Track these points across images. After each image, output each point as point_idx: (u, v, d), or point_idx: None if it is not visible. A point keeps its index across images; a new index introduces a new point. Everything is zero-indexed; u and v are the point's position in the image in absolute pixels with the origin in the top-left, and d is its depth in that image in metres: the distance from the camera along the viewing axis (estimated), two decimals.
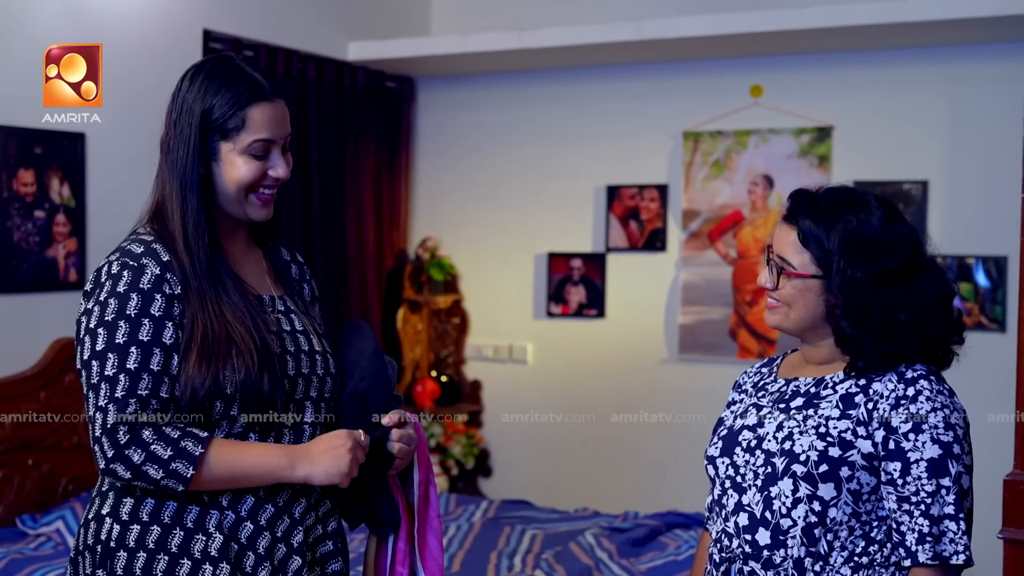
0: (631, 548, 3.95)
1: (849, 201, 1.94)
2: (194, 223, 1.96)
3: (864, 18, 4.41)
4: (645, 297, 5.28)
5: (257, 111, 1.97)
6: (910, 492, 1.82)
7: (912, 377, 1.87)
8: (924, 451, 1.82)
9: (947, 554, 1.81)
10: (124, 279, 1.90)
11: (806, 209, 1.94)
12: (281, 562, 1.96)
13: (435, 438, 5.43)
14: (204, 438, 1.87)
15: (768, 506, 1.89)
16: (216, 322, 1.92)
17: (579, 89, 5.41)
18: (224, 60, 2.04)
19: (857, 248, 1.89)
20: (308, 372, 2.03)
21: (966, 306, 4.67)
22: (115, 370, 1.85)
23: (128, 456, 1.83)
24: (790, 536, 1.87)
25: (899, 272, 1.89)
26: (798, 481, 1.86)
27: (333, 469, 1.95)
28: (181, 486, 1.85)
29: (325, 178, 5.13)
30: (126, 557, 1.90)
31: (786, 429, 1.91)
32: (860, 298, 1.87)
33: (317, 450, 1.96)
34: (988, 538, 2.55)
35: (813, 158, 4.92)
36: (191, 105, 1.97)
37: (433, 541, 2.15)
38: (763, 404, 2.01)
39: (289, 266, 2.20)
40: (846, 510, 1.85)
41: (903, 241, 1.91)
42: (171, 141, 1.98)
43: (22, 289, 3.92)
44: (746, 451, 1.95)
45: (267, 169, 2.01)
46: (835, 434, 1.86)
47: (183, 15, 4.45)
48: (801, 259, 1.93)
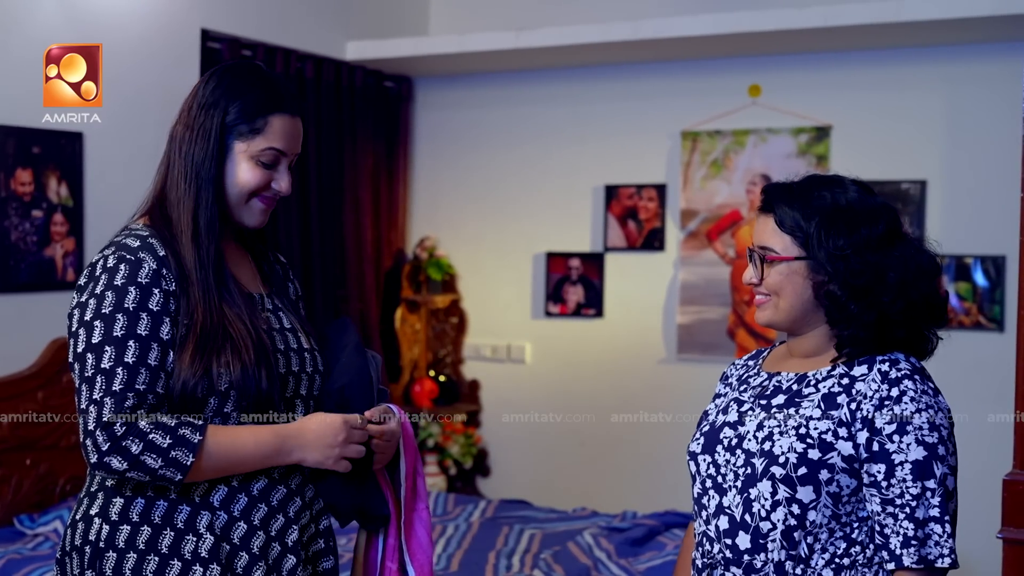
0: (629, 548, 3.94)
1: (821, 181, 1.95)
2: (208, 218, 1.96)
3: (862, 18, 4.41)
4: (643, 297, 5.28)
5: (278, 120, 1.99)
6: (895, 495, 1.79)
7: (896, 377, 1.84)
8: (909, 453, 1.79)
9: (932, 557, 1.78)
10: (121, 272, 1.89)
11: (780, 196, 1.94)
12: (276, 561, 1.96)
13: (433, 438, 5.43)
14: (200, 425, 1.87)
15: (748, 508, 1.86)
16: (215, 316, 1.92)
17: (577, 89, 5.41)
18: (254, 66, 2.06)
19: (836, 218, 1.88)
20: (298, 370, 2.03)
21: (964, 306, 4.68)
22: (112, 363, 1.84)
23: (125, 447, 1.82)
24: (770, 539, 1.84)
25: (882, 239, 1.88)
26: (777, 483, 1.83)
27: (326, 457, 1.96)
28: (180, 475, 1.84)
29: (323, 178, 5.12)
30: (115, 558, 1.89)
31: (766, 428, 1.88)
32: (846, 262, 1.86)
33: (311, 435, 1.96)
34: (987, 538, 2.55)
35: (811, 158, 4.92)
36: (217, 100, 1.98)
37: (422, 532, 2.14)
38: (744, 399, 1.98)
39: (274, 266, 2.20)
40: (826, 512, 1.83)
41: (881, 209, 1.91)
42: (188, 133, 1.98)
43: (20, 289, 3.92)
44: (727, 450, 1.92)
45: (271, 180, 2.02)
46: (815, 435, 1.83)
47: (181, 15, 4.45)
48: (783, 243, 1.92)
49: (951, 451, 1.83)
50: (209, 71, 2.05)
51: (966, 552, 4.54)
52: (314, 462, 1.97)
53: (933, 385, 1.87)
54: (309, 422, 1.98)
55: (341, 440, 1.97)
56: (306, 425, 1.97)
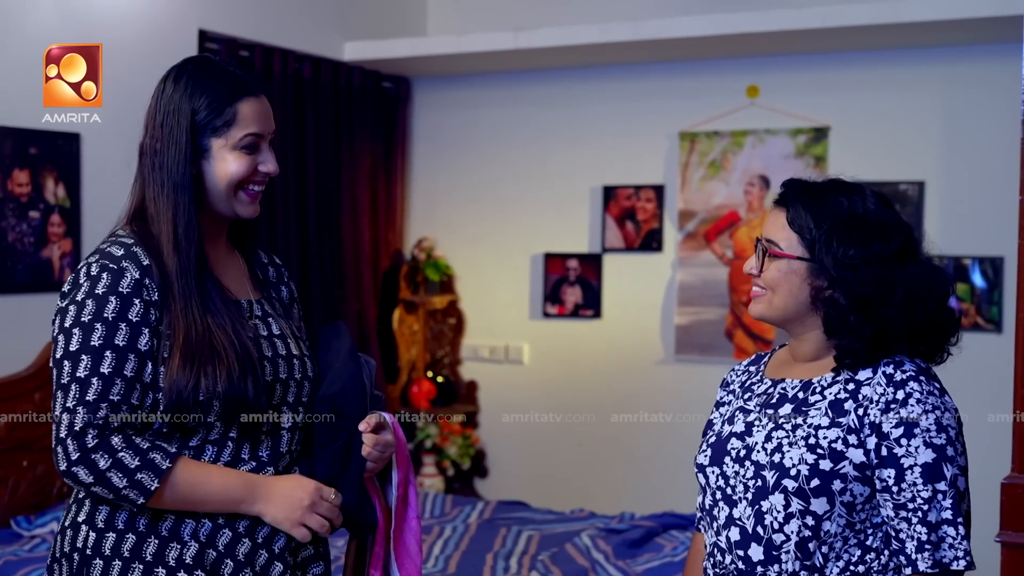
0: (627, 549, 3.94)
1: (842, 187, 1.92)
2: (185, 224, 1.94)
3: (860, 19, 4.41)
4: (641, 297, 5.28)
5: (246, 106, 1.97)
6: (906, 499, 1.78)
7: (901, 380, 1.82)
8: (918, 456, 1.78)
9: (947, 560, 1.78)
10: (103, 281, 1.88)
11: (798, 193, 1.92)
12: (263, 568, 1.95)
13: (431, 439, 5.43)
14: (172, 454, 1.86)
15: (760, 521, 1.85)
16: (198, 325, 1.90)
17: (575, 89, 5.41)
18: (203, 60, 2.04)
19: (850, 226, 1.85)
20: (285, 377, 2.02)
21: (962, 307, 4.67)
22: (87, 372, 1.84)
23: (94, 460, 1.81)
24: (783, 551, 1.83)
25: (893, 255, 1.84)
26: (789, 496, 1.81)
27: (285, 517, 1.94)
28: (142, 498, 1.84)
29: (321, 178, 5.12)
30: (102, 565, 1.89)
31: (775, 440, 1.86)
32: (855, 271, 1.83)
33: (278, 492, 1.95)
34: (986, 541, 2.54)
35: (810, 158, 4.92)
36: (179, 105, 1.96)
37: (411, 541, 2.13)
38: (750, 408, 1.96)
39: (267, 268, 2.18)
40: (840, 522, 1.81)
41: (896, 226, 1.88)
42: (157, 144, 1.97)
43: (17, 290, 3.91)
44: (735, 461, 1.90)
45: (257, 164, 2.00)
46: (825, 445, 1.81)
47: (178, 15, 4.44)
48: (788, 240, 1.89)
49: (960, 451, 1.81)
50: (162, 78, 2.01)
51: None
52: (272, 519, 1.95)
53: (939, 385, 1.85)
54: (282, 481, 1.96)
55: (305, 506, 1.95)
56: (278, 483, 1.96)
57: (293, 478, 1.98)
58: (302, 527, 1.96)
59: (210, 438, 1.92)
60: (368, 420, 2.03)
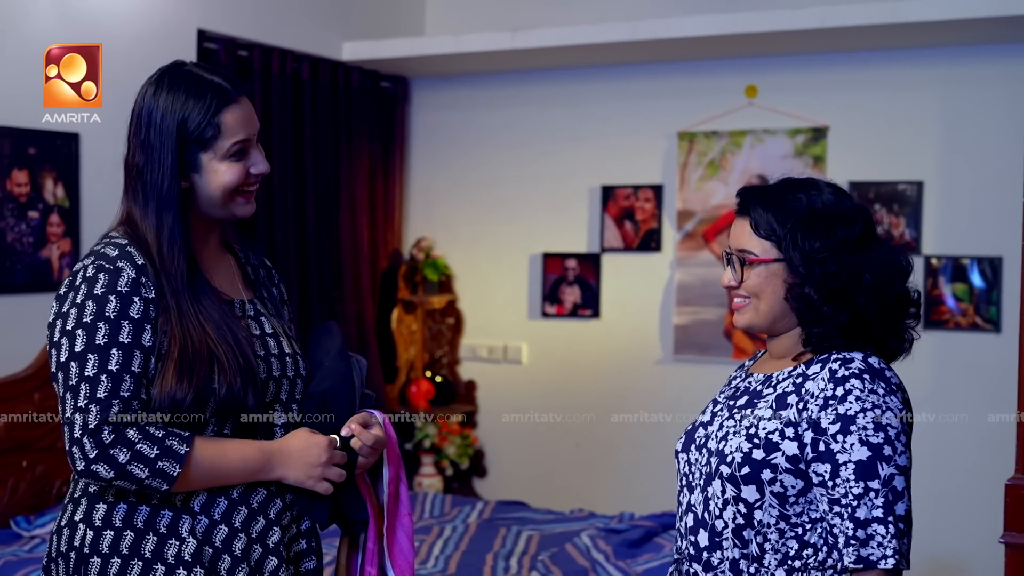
0: (627, 549, 3.94)
1: (796, 184, 1.96)
2: (169, 241, 1.95)
3: (859, 19, 4.41)
4: (640, 297, 5.28)
5: (229, 115, 1.97)
6: (839, 495, 1.80)
7: (843, 376, 1.83)
8: (852, 453, 1.79)
9: (875, 558, 1.78)
10: (101, 282, 1.90)
11: (755, 199, 1.96)
12: (258, 563, 1.98)
13: (430, 439, 5.42)
14: (188, 437, 1.89)
15: (706, 507, 1.91)
16: (196, 337, 1.92)
17: (574, 89, 5.41)
18: (178, 69, 2.01)
19: (811, 221, 1.89)
20: (279, 375, 2.05)
21: (961, 307, 4.68)
22: (96, 371, 1.85)
23: (113, 455, 1.83)
24: (724, 538, 1.88)
25: (857, 241, 1.90)
26: (724, 482, 1.87)
27: (307, 476, 1.99)
28: (166, 485, 1.87)
29: (319, 178, 5.12)
30: (99, 563, 1.90)
31: (724, 429, 1.93)
32: (823, 264, 1.87)
33: (295, 454, 1.98)
34: (988, 542, 2.55)
35: (808, 159, 4.92)
36: (159, 123, 1.95)
37: (403, 538, 2.16)
38: (719, 400, 2.03)
39: (258, 269, 2.20)
40: (772, 512, 1.84)
41: (856, 211, 1.93)
42: (140, 162, 1.97)
43: (16, 290, 3.91)
44: (697, 449, 1.97)
45: (249, 168, 2.01)
46: (763, 435, 1.86)
47: (177, 15, 4.44)
48: (761, 245, 1.93)
49: (900, 451, 1.81)
50: (139, 91, 1.99)
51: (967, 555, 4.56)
52: (295, 480, 1.99)
53: (886, 384, 1.84)
54: (292, 440, 2.00)
55: (324, 461, 1.99)
56: (290, 443, 1.99)
57: (303, 436, 2.01)
58: (324, 481, 2.01)
59: (205, 433, 1.95)
60: (349, 424, 2.05)
